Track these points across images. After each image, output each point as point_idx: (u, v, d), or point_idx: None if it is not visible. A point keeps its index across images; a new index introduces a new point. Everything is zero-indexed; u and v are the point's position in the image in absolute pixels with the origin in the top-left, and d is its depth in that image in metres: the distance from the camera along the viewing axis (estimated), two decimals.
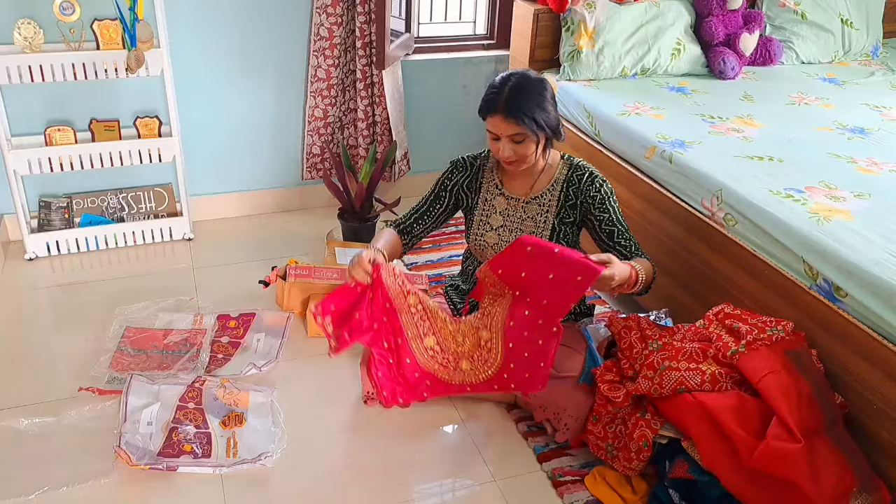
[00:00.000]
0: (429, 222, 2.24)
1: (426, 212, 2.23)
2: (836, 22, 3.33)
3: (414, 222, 2.23)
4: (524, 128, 1.94)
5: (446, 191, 2.22)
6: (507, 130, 1.96)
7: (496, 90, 1.97)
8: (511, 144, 1.98)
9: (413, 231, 2.22)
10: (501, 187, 2.17)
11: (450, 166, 2.23)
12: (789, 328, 1.83)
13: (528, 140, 1.97)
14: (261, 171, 3.21)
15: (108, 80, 2.69)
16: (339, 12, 2.90)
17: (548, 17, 3.05)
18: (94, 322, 2.48)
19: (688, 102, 2.80)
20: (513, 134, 1.96)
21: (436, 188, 2.23)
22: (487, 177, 2.19)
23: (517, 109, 1.93)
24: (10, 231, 2.94)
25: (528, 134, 1.96)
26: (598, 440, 1.95)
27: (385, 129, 3.15)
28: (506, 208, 2.16)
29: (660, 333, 1.96)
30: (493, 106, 1.96)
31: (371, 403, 2.17)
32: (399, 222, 2.24)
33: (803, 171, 2.23)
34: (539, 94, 1.97)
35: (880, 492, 1.67)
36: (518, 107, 1.93)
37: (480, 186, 2.20)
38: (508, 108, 1.93)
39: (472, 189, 2.21)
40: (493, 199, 2.17)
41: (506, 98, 1.94)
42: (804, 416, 1.66)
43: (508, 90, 1.95)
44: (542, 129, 1.97)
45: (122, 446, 1.91)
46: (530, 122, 1.94)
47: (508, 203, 2.15)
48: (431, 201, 2.23)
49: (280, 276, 2.55)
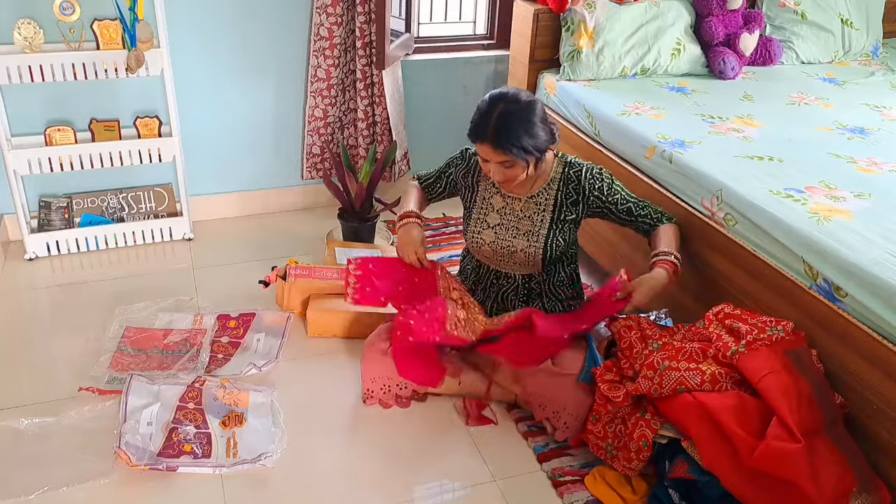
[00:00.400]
0: (432, 194, 2.36)
1: (431, 185, 2.35)
2: (836, 22, 3.33)
3: (433, 182, 2.35)
4: (512, 157, 1.95)
5: (445, 177, 2.32)
6: (495, 158, 1.98)
7: (484, 117, 1.96)
8: (501, 168, 2.00)
9: (432, 192, 2.36)
10: (499, 186, 2.17)
11: (456, 154, 2.29)
12: (789, 328, 1.83)
13: (518, 165, 1.99)
14: (261, 171, 3.21)
15: (108, 80, 2.69)
16: (339, 12, 2.90)
17: (548, 17, 3.04)
18: (94, 322, 2.48)
19: (688, 102, 2.80)
20: (501, 161, 1.98)
21: (441, 169, 2.34)
22: (485, 175, 2.19)
23: (505, 140, 1.93)
24: (10, 231, 2.94)
25: (517, 161, 1.97)
26: (597, 440, 1.95)
27: (385, 129, 3.15)
28: (503, 207, 2.17)
29: (660, 333, 1.96)
30: (482, 134, 1.96)
31: (371, 403, 2.17)
32: (422, 178, 2.36)
33: (803, 171, 2.23)
34: (528, 119, 1.95)
35: (880, 492, 1.67)
36: (506, 137, 1.93)
37: (478, 184, 2.21)
38: (496, 138, 1.93)
39: (468, 184, 2.22)
40: (491, 198, 2.18)
41: (493, 127, 1.93)
42: (804, 416, 1.66)
43: (496, 119, 1.94)
44: (529, 155, 1.98)
45: (122, 447, 1.91)
46: (518, 150, 1.94)
47: (506, 202, 2.16)
48: (435, 179, 2.35)
49: (280, 276, 2.55)
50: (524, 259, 2.15)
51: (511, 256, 2.17)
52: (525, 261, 2.16)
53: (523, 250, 2.14)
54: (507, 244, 2.16)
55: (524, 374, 2.10)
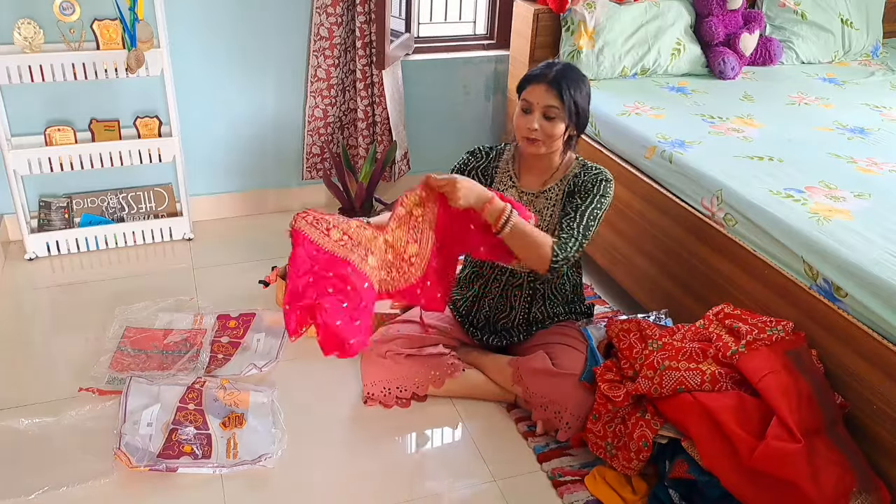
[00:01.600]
0: None
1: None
2: (836, 22, 3.33)
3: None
4: (562, 103, 1.97)
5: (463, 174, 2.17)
6: (544, 100, 1.98)
7: (544, 66, 2.04)
8: (541, 119, 2.00)
9: None
10: (515, 179, 2.16)
11: (466, 154, 2.23)
12: (789, 328, 1.83)
13: (559, 119, 1.99)
14: (261, 171, 3.21)
15: (108, 80, 2.69)
16: (339, 12, 2.90)
17: (548, 17, 3.05)
18: (94, 322, 2.48)
19: (688, 102, 2.80)
20: (548, 106, 1.98)
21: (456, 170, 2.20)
22: (502, 168, 2.19)
23: (563, 83, 1.98)
24: (10, 231, 2.94)
25: (562, 112, 1.98)
26: (597, 439, 1.95)
27: (385, 129, 3.15)
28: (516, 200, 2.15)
29: (660, 333, 1.96)
30: (539, 76, 2.01)
31: (371, 404, 2.17)
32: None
33: (803, 171, 2.23)
34: (583, 82, 2.04)
35: (880, 492, 1.67)
36: (564, 82, 1.98)
37: (493, 177, 2.19)
38: (555, 80, 1.98)
39: (486, 178, 2.20)
40: (505, 191, 2.16)
41: (555, 72, 2.00)
42: (804, 416, 1.66)
43: (559, 67, 2.02)
44: (575, 114, 2.00)
45: (122, 448, 1.91)
46: (569, 99, 1.98)
47: (520, 197, 2.15)
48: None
49: (280, 276, 2.55)
50: None
51: None
52: None
53: None
54: None
55: (525, 374, 2.09)
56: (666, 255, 2.36)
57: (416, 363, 2.16)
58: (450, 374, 2.16)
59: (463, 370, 2.17)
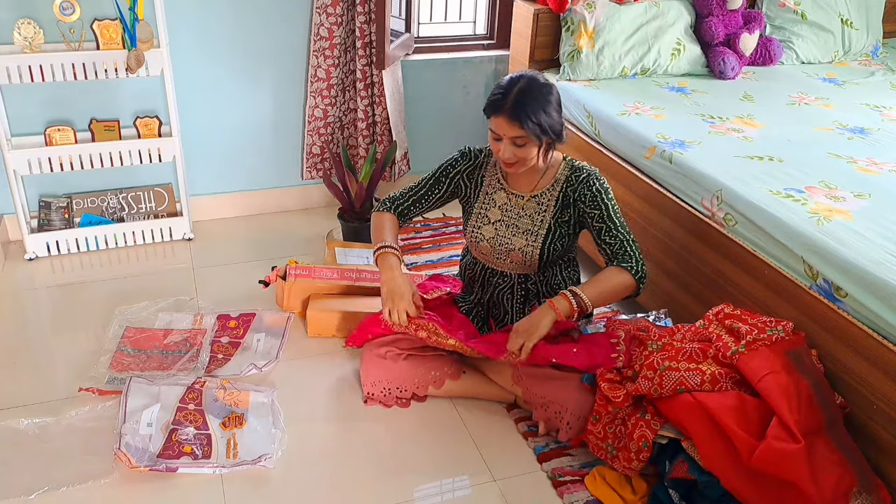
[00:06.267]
0: (424, 206, 2.27)
1: (424, 195, 2.25)
2: (836, 22, 3.33)
3: (411, 205, 2.25)
4: (527, 131, 1.94)
5: (447, 177, 2.23)
6: (509, 132, 1.96)
7: (503, 91, 1.97)
8: (512, 147, 1.99)
9: (409, 215, 2.27)
10: (504, 182, 2.17)
11: (456, 153, 2.24)
12: (789, 328, 1.83)
13: (530, 144, 1.98)
14: (261, 171, 3.21)
15: (108, 80, 2.69)
16: (339, 12, 2.90)
17: (548, 17, 3.05)
18: (94, 322, 2.48)
19: (688, 102, 2.80)
20: (515, 136, 1.97)
21: (437, 173, 2.24)
22: (491, 171, 2.19)
23: (522, 112, 1.93)
24: (10, 231, 2.94)
25: (531, 138, 1.96)
26: (597, 440, 1.95)
27: (385, 129, 3.15)
28: (505, 203, 2.16)
29: (660, 333, 1.96)
30: (499, 106, 1.96)
31: (371, 403, 2.17)
32: (397, 203, 2.25)
33: (803, 171, 2.23)
34: (545, 98, 1.97)
35: (880, 492, 1.67)
36: (523, 110, 1.93)
37: (482, 179, 2.20)
38: (513, 111, 1.93)
39: (473, 180, 2.21)
40: (494, 194, 2.17)
41: (512, 100, 1.94)
42: (804, 417, 1.66)
43: (515, 92, 1.95)
44: (544, 134, 1.97)
45: (122, 448, 1.91)
46: (534, 126, 1.94)
47: (509, 198, 2.15)
48: (430, 185, 2.24)
49: (280, 276, 2.55)
50: (521, 258, 2.15)
51: (508, 255, 2.16)
52: (522, 260, 2.15)
53: (521, 249, 2.13)
54: (506, 241, 2.15)
55: (527, 375, 2.09)
56: (666, 255, 2.36)
57: (417, 363, 2.16)
58: (450, 374, 2.16)
59: (463, 371, 2.18)
